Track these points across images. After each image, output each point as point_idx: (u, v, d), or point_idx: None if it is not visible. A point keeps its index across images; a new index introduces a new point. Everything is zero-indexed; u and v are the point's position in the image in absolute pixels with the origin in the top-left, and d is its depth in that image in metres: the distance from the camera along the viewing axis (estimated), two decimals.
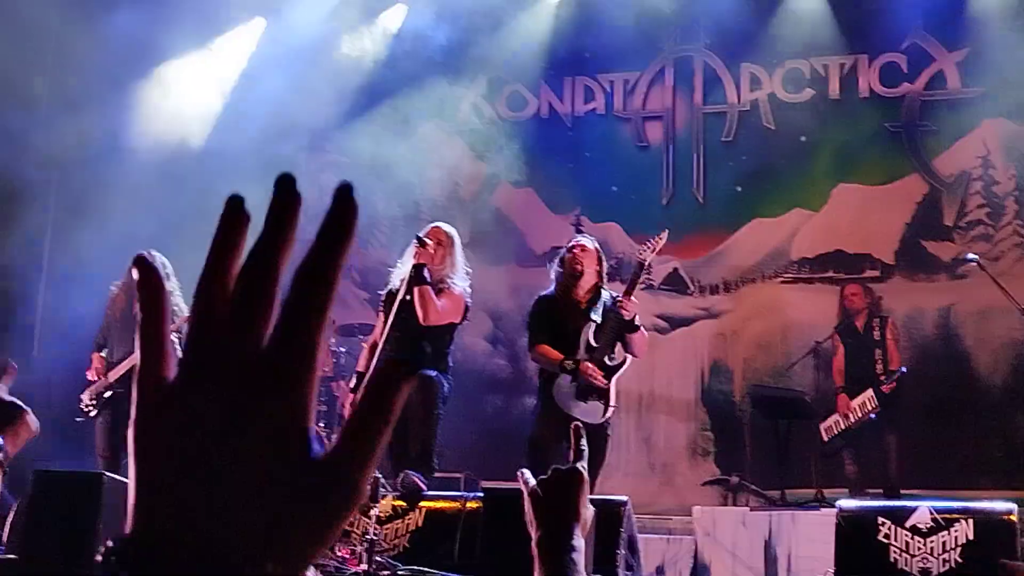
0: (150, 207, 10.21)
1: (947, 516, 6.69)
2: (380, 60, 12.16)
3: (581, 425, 2.12)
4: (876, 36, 11.13)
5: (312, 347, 0.72)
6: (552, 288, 7.80)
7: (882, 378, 9.56)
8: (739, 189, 11.40)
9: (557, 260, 7.85)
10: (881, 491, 9.30)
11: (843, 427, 9.62)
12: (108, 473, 6.90)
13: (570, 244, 7.80)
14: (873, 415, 9.50)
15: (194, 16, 11.20)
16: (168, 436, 0.70)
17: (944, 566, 6.53)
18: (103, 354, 8.86)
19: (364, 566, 6.45)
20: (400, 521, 7.16)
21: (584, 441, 2.11)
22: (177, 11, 10.99)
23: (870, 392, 9.53)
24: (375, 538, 6.57)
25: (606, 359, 7.41)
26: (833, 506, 7.35)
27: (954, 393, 10.22)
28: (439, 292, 7.60)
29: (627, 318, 7.41)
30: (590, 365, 7.36)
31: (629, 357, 7.49)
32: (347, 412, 7.55)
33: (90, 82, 10.74)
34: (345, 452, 0.71)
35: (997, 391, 10.49)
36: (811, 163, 11.15)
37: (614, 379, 7.41)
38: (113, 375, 8.70)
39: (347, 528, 7.10)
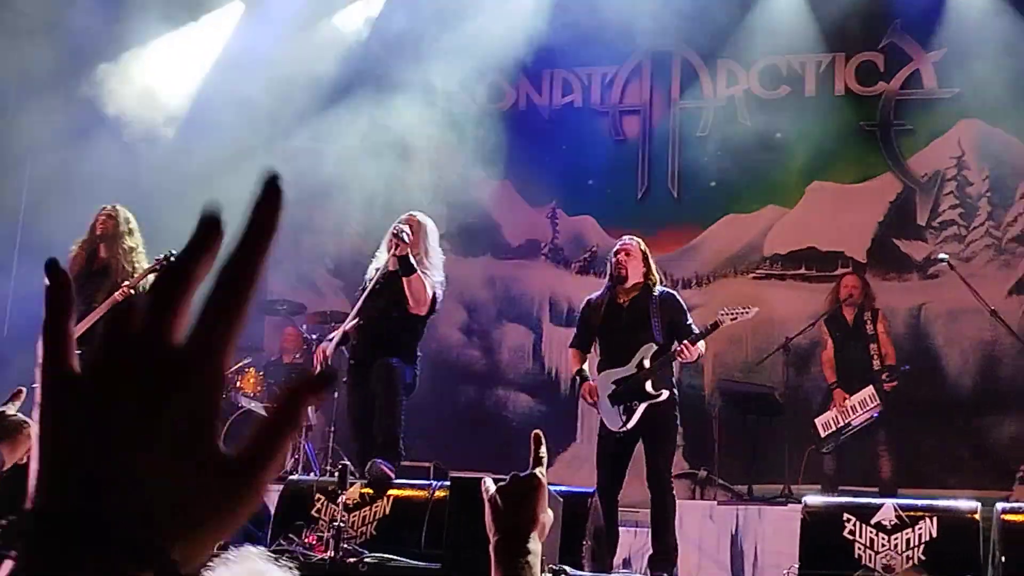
0: (125, 187, 10.14)
1: (912, 514, 6.74)
2: (357, 48, 12.10)
3: (541, 433, 2.13)
4: (853, 35, 11.16)
5: (224, 345, 0.73)
6: (601, 290, 7.93)
7: (884, 376, 9.49)
8: (714, 184, 11.43)
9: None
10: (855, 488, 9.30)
11: (841, 423, 9.48)
12: None
13: (615, 248, 7.87)
14: (876, 413, 9.42)
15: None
16: (79, 417, 0.70)
17: (908, 563, 6.57)
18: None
19: (331, 553, 6.44)
20: (368, 508, 7.17)
21: (543, 449, 2.12)
22: None
23: (871, 389, 9.43)
24: (342, 525, 6.56)
25: (648, 384, 7.44)
26: (799, 501, 7.40)
27: (923, 392, 10.27)
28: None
29: (686, 361, 7.74)
30: (588, 388, 7.62)
31: (666, 394, 7.48)
32: (316, 359, 7.61)
33: (63, 62, 10.67)
34: (249, 453, 0.73)
35: (966, 391, 10.56)
36: (786, 160, 11.19)
37: (644, 404, 7.43)
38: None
39: (314, 515, 7.10)
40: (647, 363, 7.45)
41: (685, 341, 7.43)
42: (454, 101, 11.84)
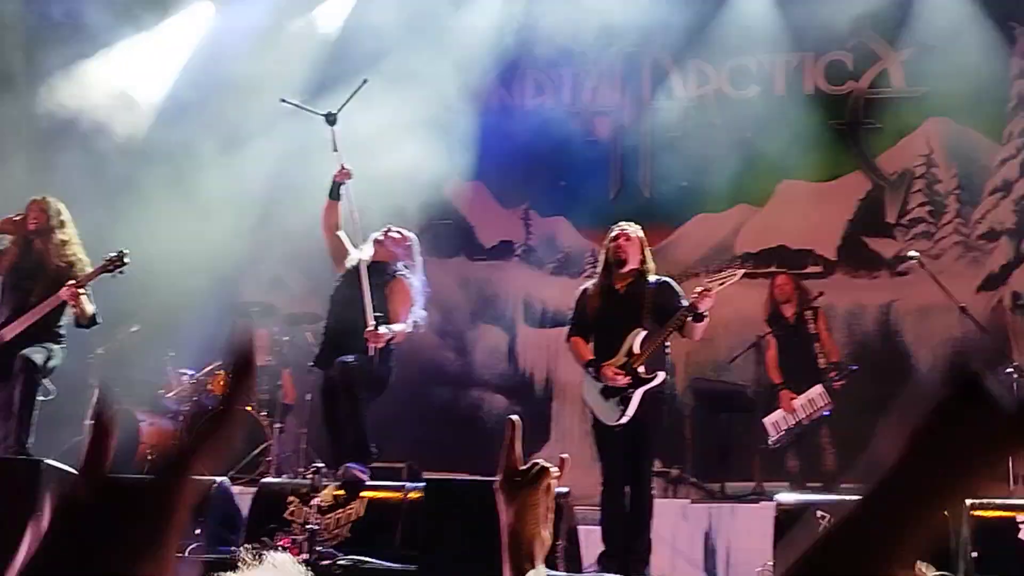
0: (91, 191, 10.11)
1: None
2: (326, 49, 12.08)
3: (517, 418, 2.12)
4: (822, 34, 11.20)
5: (180, 490, 0.84)
6: (594, 278, 7.76)
7: (832, 374, 9.47)
8: (685, 184, 11.45)
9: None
10: (820, 485, 9.35)
11: (791, 423, 9.45)
12: (47, 460, 6.85)
13: (613, 233, 7.63)
14: (827, 411, 9.41)
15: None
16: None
17: None
18: None
19: (305, 556, 6.43)
20: (342, 511, 7.16)
21: (516, 437, 2.11)
22: None
23: (820, 388, 9.41)
24: (316, 527, 6.56)
25: (641, 369, 7.32)
26: (772, 500, 7.43)
27: (893, 390, 10.31)
28: (391, 278, 7.68)
29: (700, 310, 7.30)
30: (611, 369, 7.32)
31: (661, 375, 7.40)
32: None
33: (33, 62, 10.63)
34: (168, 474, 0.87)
35: (935, 387, 10.61)
36: (756, 159, 11.22)
37: (640, 390, 7.30)
38: (8, 332, 8.02)
39: (288, 518, 7.09)
40: (637, 348, 7.32)
41: (703, 289, 7.29)
42: (425, 102, 11.82)
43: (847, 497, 7.31)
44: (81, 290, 7.98)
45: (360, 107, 11.65)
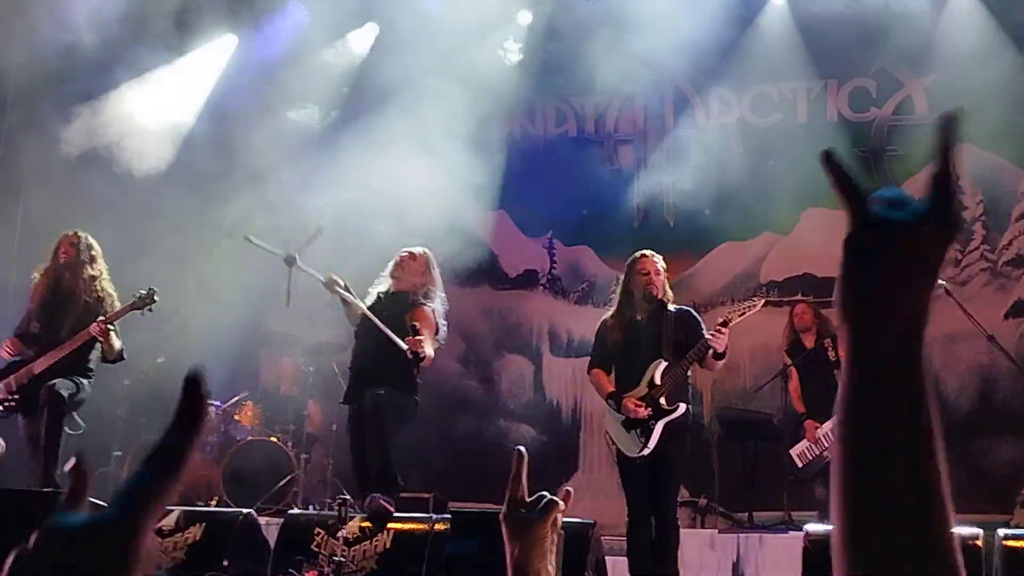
0: (116, 222, 10.16)
1: None
2: (350, 80, 12.15)
3: (523, 450, 2.11)
4: (845, 61, 11.20)
5: (146, 527, 0.82)
6: (613, 307, 7.69)
7: None
8: (708, 213, 11.43)
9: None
10: None
11: (817, 453, 9.40)
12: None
13: (640, 266, 7.53)
14: None
15: (165, 30, 11.19)
16: None
17: None
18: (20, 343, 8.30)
19: None
20: (368, 543, 7.14)
21: (522, 470, 2.10)
22: (147, 26, 10.96)
23: None
24: (343, 560, 6.54)
25: (663, 400, 7.27)
26: (801, 529, 7.37)
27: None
28: (414, 306, 7.66)
29: (719, 351, 7.25)
30: (633, 401, 7.27)
31: (683, 407, 7.33)
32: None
33: (55, 94, 10.71)
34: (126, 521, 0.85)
35: (963, 415, 10.55)
36: (780, 187, 11.18)
37: (662, 422, 7.24)
38: (37, 367, 8.05)
39: (314, 549, 7.07)
40: (658, 379, 7.28)
41: (717, 325, 7.19)
42: (448, 133, 11.87)
43: None
44: (110, 326, 8.06)
45: (382, 136, 11.75)
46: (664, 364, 7.30)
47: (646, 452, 7.22)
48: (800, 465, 9.51)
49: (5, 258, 10.97)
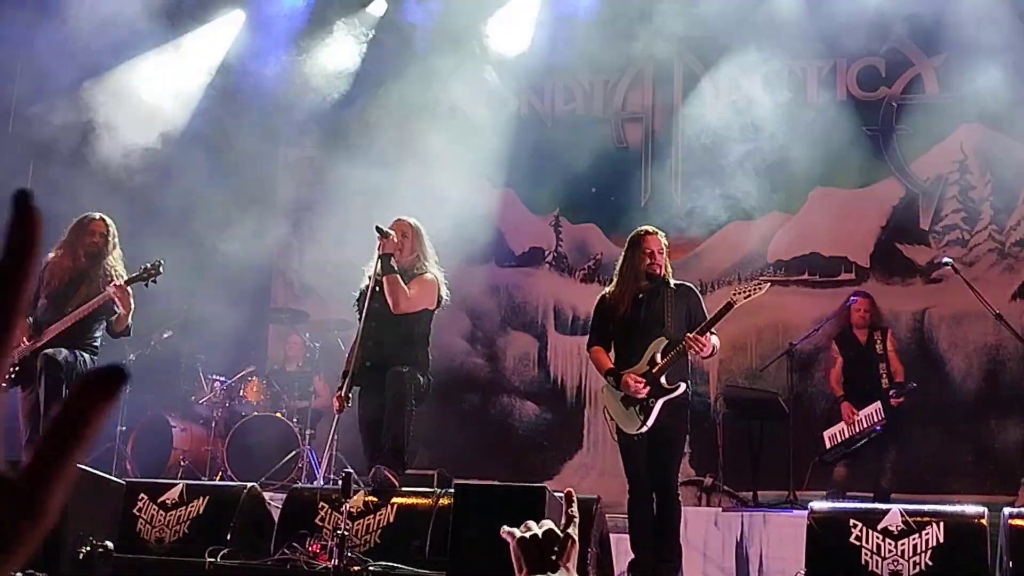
0: (124, 200, 10.16)
1: (918, 519, 6.71)
2: (360, 56, 12.12)
3: (573, 491, 2.10)
4: (855, 40, 11.13)
5: (59, 480, 0.71)
6: (613, 283, 7.62)
7: (891, 392, 9.51)
8: (717, 191, 11.40)
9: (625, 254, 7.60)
10: (872, 494, 9.29)
11: (847, 436, 9.54)
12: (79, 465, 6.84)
13: (645, 245, 7.44)
14: (879, 427, 9.43)
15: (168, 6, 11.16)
16: None
17: (915, 569, 6.55)
18: (28, 320, 8.14)
19: (335, 561, 6.42)
20: (372, 516, 7.15)
21: (575, 507, 2.07)
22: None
23: (878, 404, 9.45)
24: (346, 533, 6.54)
25: (663, 379, 7.21)
26: (805, 507, 7.37)
27: (927, 397, 10.24)
28: (410, 279, 7.63)
29: (703, 355, 7.27)
30: (632, 378, 7.19)
31: (683, 386, 7.28)
32: (335, 408, 7.53)
33: (61, 74, 10.68)
34: (33, 472, 0.69)
35: (970, 396, 10.53)
36: (788, 166, 11.15)
37: (661, 400, 7.18)
38: (46, 335, 7.98)
39: (318, 523, 7.08)
40: (659, 358, 7.20)
41: (694, 333, 7.11)
42: (456, 110, 11.85)
43: (880, 505, 7.25)
44: (129, 287, 7.98)
45: (391, 117, 11.73)
46: (665, 342, 7.24)
47: (644, 429, 7.18)
48: (828, 446, 9.60)
49: None
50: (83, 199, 9.70)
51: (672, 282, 7.48)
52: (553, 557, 1.92)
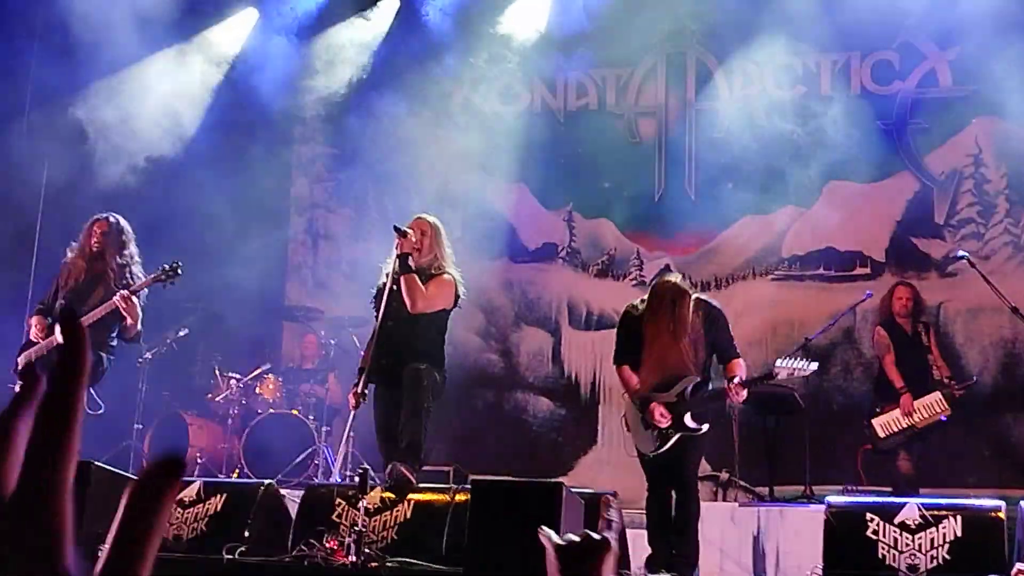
0: (137, 199, 10.20)
1: (935, 513, 6.71)
2: (370, 52, 12.13)
3: (611, 497, 2.09)
4: (868, 33, 11.10)
5: (56, 487, 0.69)
6: (641, 299, 7.58)
7: (952, 384, 9.36)
8: (731, 186, 11.39)
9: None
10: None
11: (904, 425, 9.31)
12: (97, 463, 6.88)
13: (673, 288, 7.40)
14: (943, 418, 9.24)
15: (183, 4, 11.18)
16: None
17: (932, 562, 6.55)
18: (48, 320, 8.36)
19: (352, 558, 6.44)
20: (388, 513, 7.15)
21: (612, 511, 2.07)
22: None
23: (938, 395, 9.25)
24: (363, 530, 6.56)
25: (687, 417, 7.18)
26: (821, 502, 7.36)
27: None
28: (428, 279, 7.62)
29: (737, 403, 7.38)
30: (659, 410, 7.18)
31: (705, 427, 7.28)
32: (351, 404, 7.54)
33: (75, 76, 10.72)
34: (114, 567, 0.69)
35: (986, 388, 10.49)
36: (802, 160, 11.12)
37: (679, 434, 7.19)
38: (59, 339, 8.21)
39: (335, 520, 7.10)
40: (688, 395, 7.20)
41: (736, 383, 7.14)
42: (469, 105, 11.86)
43: (897, 500, 7.24)
44: (135, 297, 8.06)
45: (404, 112, 11.74)
46: (696, 381, 7.24)
47: (657, 454, 7.23)
48: (882, 435, 9.39)
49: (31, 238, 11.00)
50: (95, 200, 9.75)
51: (697, 297, 7.44)
52: (590, 565, 1.92)
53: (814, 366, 7.51)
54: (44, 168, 10.99)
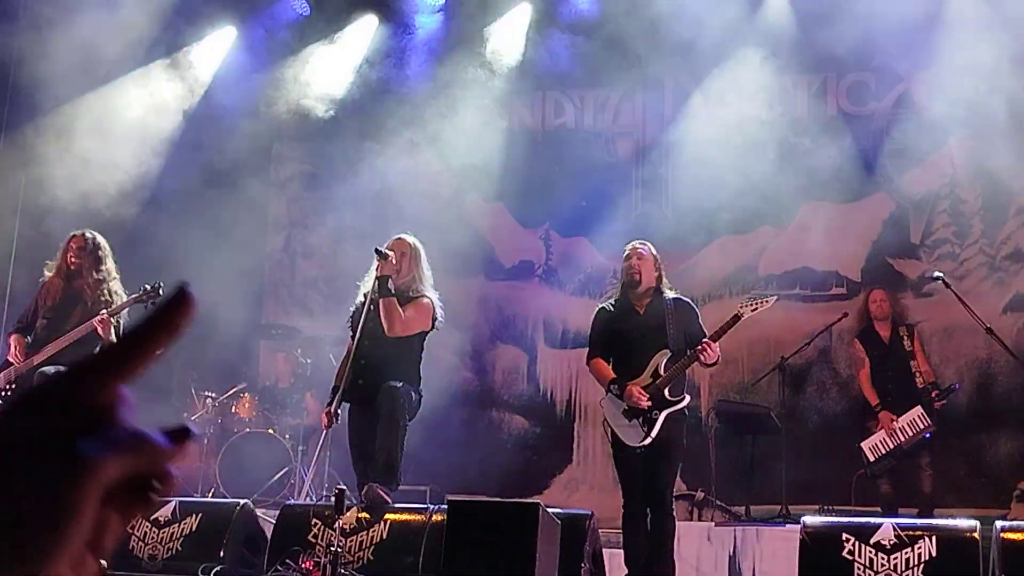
0: (109, 222, 10.15)
1: (911, 533, 6.73)
2: (348, 72, 12.13)
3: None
4: (845, 55, 11.16)
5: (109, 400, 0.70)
6: (612, 298, 7.67)
7: (933, 395, 9.22)
8: (707, 205, 11.41)
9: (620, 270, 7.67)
10: (917, 510, 9.06)
11: (891, 447, 9.19)
12: None
13: (626, 252, 7.58)
14: (928, 435, 9.15)
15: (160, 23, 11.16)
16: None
17: None
18: (28, 339, 8.35)
19: None
20: (365, 533, 7.14)
21: None
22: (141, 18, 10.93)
23: (919, 410, 9.15)
24: (339, 550, 6.53)
25: (667, 392, 7.21)
26: (797, 522, 7.37)
27: None
28: (406, 302, 7.60)
29: (708, 362, 7.26)
30: (636, 390, 7.18)
31: (687, 399, 7.32)
32: (323, 424, 7.52)
33: (53, 91, 10.68)
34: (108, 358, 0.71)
35: (961, 409, 10.52)
36: (779, 180, 11.15)
37: (664, 413, 7.18)
38: (38, 358, 8.14)
39: (311, 540, 7.07)
40: (662, 370, 7.21)
41: (705, 339, 7.13)
42: (447, 123, 11.86)
43: (873, 520, 7.26)
44: (113, 319, 8.04)
45: (382, 132, 11.74)
46: (668, 355, 7.26)
47: (647, 442, 7.15)
48: (872, 459, 9.28)
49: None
50: (74, 218, 9.70)
51: (669, 295, 7.49)
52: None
53: (774, 298, 7.58)
54: (21, 186, 10.95)
